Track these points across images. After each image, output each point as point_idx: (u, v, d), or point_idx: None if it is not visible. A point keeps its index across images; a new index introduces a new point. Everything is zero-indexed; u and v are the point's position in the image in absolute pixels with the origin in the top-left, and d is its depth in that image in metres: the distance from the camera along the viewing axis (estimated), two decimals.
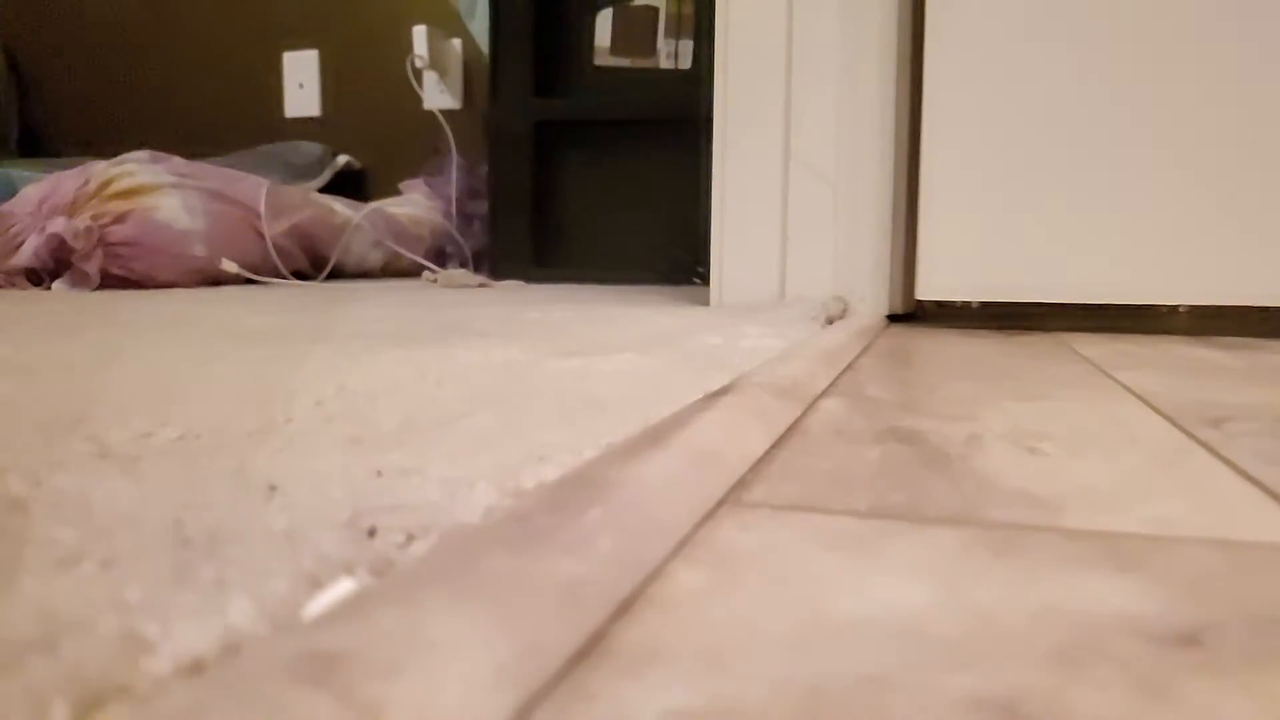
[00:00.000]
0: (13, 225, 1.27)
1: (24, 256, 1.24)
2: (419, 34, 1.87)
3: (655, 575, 0.24)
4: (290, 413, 0.38)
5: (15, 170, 1.58)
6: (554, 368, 0.52)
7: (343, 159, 2.00)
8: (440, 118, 1.82)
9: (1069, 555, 0.26)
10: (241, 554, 0.21)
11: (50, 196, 1.28)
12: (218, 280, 1.36)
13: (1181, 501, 0.31)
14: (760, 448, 0.37)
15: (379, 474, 0.28)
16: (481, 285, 1.42)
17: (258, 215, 1.43)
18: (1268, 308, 0.88)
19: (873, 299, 1.01)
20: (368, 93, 2.03)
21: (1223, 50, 0.87)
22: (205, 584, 0.19)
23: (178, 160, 1.43)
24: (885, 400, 0.51)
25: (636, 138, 1.52)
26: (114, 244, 1.26)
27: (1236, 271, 0.88)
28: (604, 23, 1.53)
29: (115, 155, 1.37)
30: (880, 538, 0.27)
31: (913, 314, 1.01)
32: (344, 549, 0.22)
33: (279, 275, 1.44)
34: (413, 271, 1.66)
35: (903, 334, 0.89)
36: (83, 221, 1.24)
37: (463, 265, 1.67)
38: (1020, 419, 0.45)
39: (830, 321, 0.88)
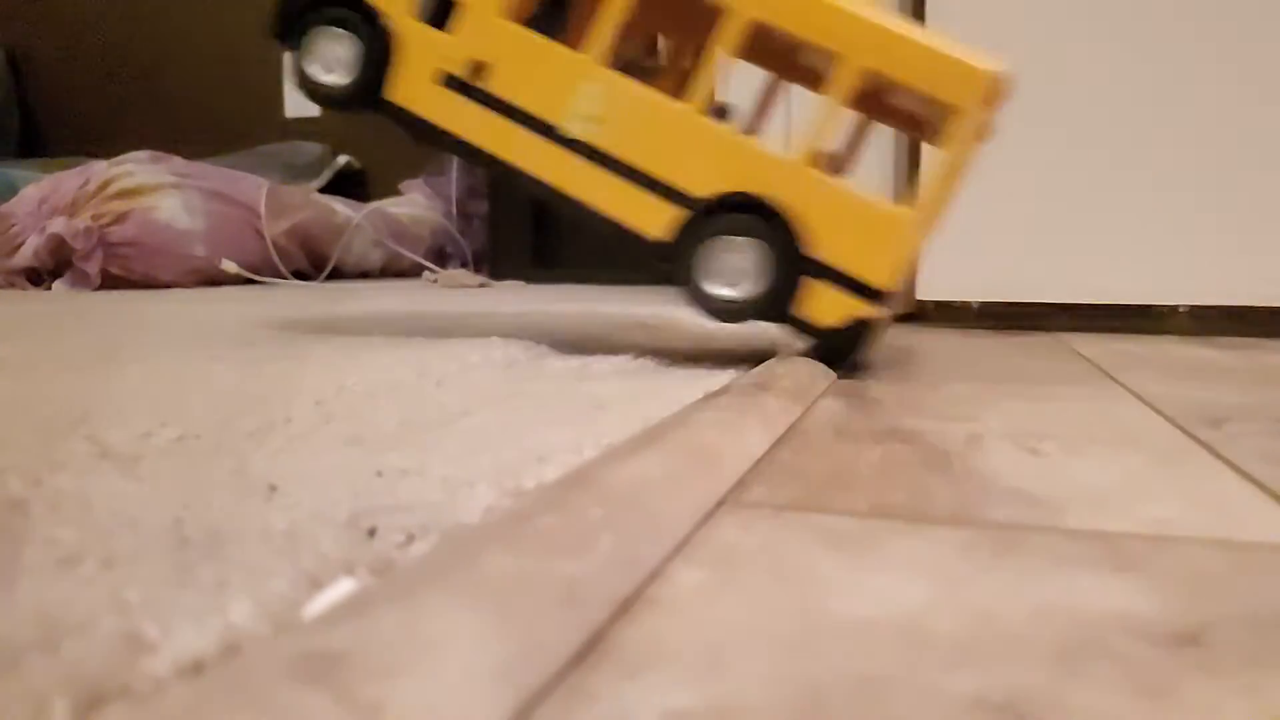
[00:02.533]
0: (13, 225, 1.27)
1: (24, 256, 1.24)
2: None
3: (655, 575, 0.24)
4: (290, 413, 0.38)
5: (15, 170, 1.58)
6: (554, 367, 0.52)
7: (343, 159, 2.00)
8: None
9: (1069, 555, 0.26)
10: (241, 554, 0.21)
11: (50, 196, 1.28)
12: (218, 280, 1.36)
13: (1181, 501, 0.31)
14: (760, 447, 0.37)
15: (379, 474, 0.28)
16: (481, 285, 1.42)
17: (258, 215, 1.43)
18: (1268, 308, 0.88)
19: None
20: None
21: (1223, 49, 0.87)
22: (205, 584, 0.19)
23: (178, 160, 1.43)
24: (885, 400, 0.51)
25: None
26: (114, 244, 1.26)
27: (1236, 271, 0.88)
28: None
29: (115, 155, 1.37)
30: (880, 537, 0.27)
31: (913, 314, 1.01)
32: (344, 549, 0.22)
33: (279, 275, 1.44)
34: (413, 272, 1.66)
35: (903, 334, 0.89)
36: (83, 221, 1.24)
37: (463, 265, 1.67)
38: (1020, 419, 0.45)
39: None
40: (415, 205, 1.78)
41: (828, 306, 0.50)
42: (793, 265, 0.50)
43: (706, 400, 0.41)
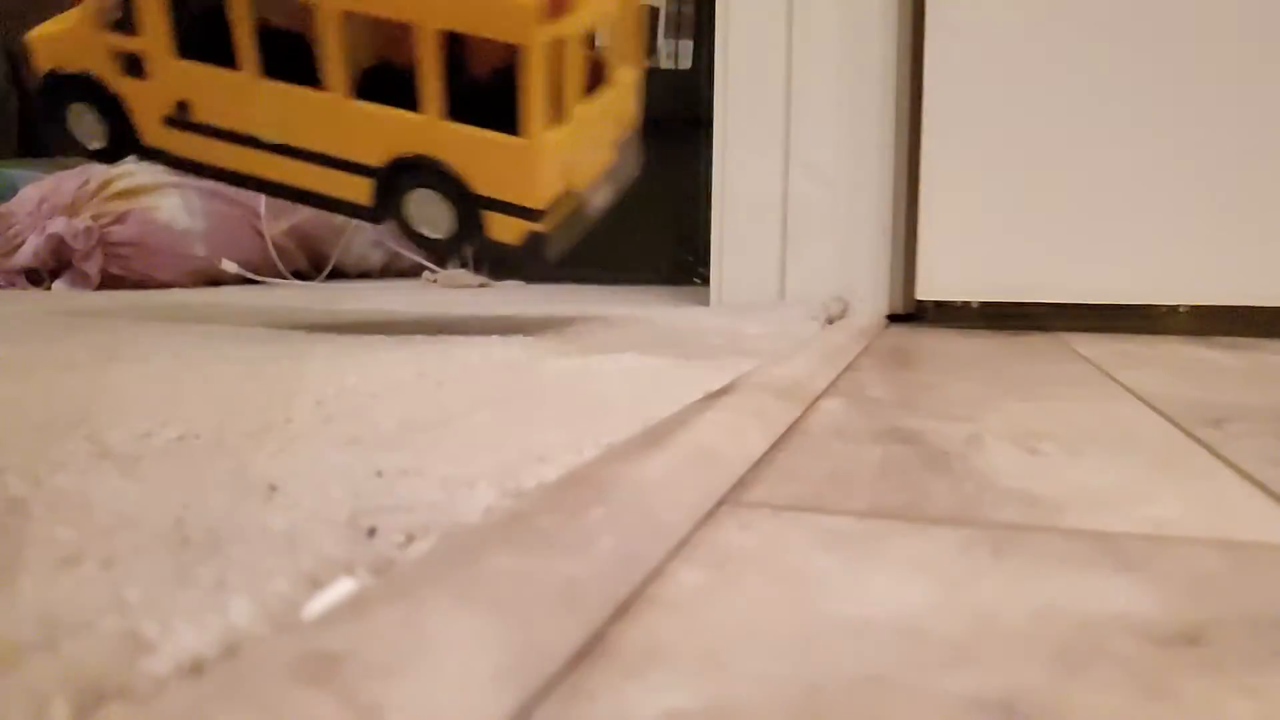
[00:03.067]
0: (13, 225, 1.27)
1: (24, 256, 1.24)
2: None
3: (655, 575, 0.24)
4: (290, 413, 0.38)
5: (15, 170, 1.58)
6: (554, 367, 0.52)
7: None
8: None
9: (1069, 555, 0.26)
10: (241, 554, 0.21)
11: (50, 196, 1.28)
12: (217, 280, 1.36)
13: (1181, 501, 0.31)
14: (760, 448, 0.37)
15: (379, 474, 0.28)
16: (482, 285, 1.42)
17: (258, 215, 1.43)
18: (1268, 308, 0.88)
19: (873, 299, 1.01)
20: None
21: (1222, 50, 0.87)
22: (205, 584, 0.19)
23: None
24: (885, 400, 0.51)
25: (636, 137, 1.52)
26: (114, 244, 1.26)
27: (1236, 271, 0.88)
28: None
29: None
30: (880, 538, 0.27)
31: (913, 314, 1.01)
32: (344, 549, 0.22)
33: (279, 275, 1.44)
34: (413, 271, 1.66)
35: (903, 334, 0.89)
36: (83, 221, 1.24)
37: (463, 265, 1.67)
38: (1020, 419, 0.45)
39: (830, 321, 0.88)
40: None
41: (507, 229, 0.58)
42: (468, 204, 0.57)
43: (706, 400, 0.41)
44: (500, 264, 1.55)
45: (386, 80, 0.57)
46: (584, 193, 0.62)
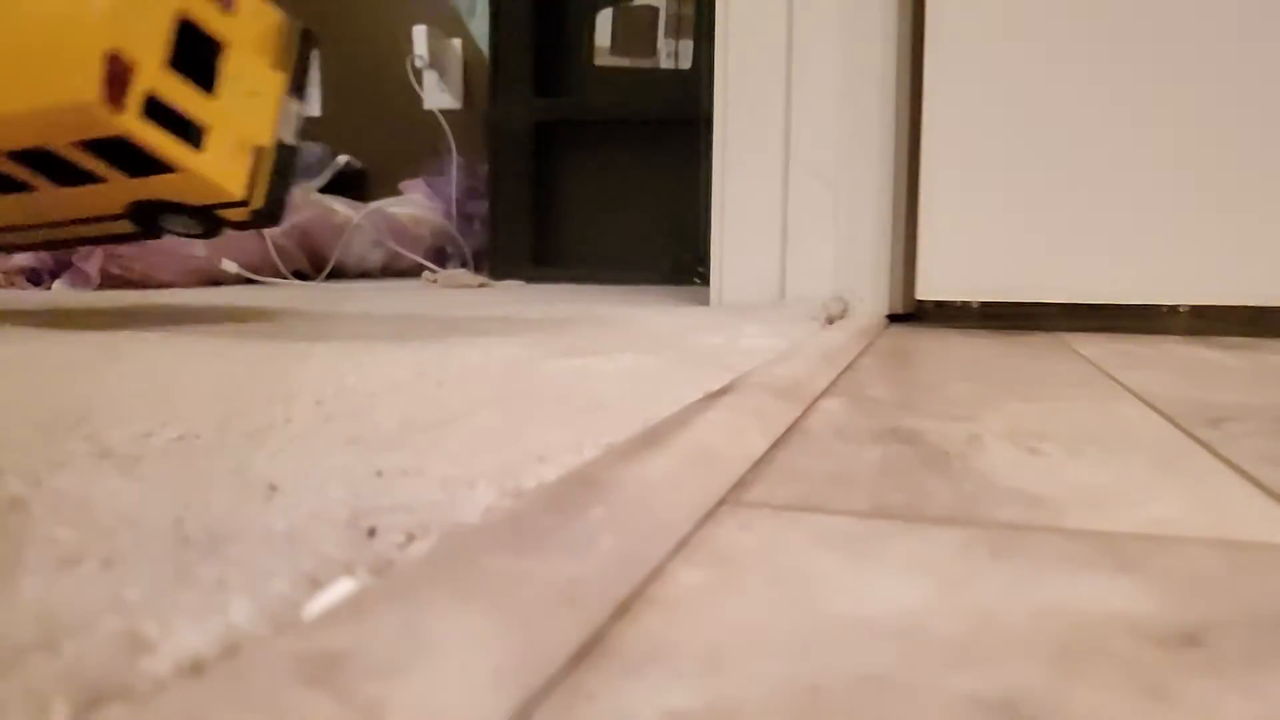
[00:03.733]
0: None
1: (24, 256, 1.24)
2: (419, 34, 1.87)
3: (655, 575, 0.24)
4: (290, 413, 0.38)
5: None
6: (554, 367, 0.52)
7: (343, 159, 2.00)
8: (440, 118, 1.82)
9: (1069, 555, 0.26)
10: (241, 554, 0.21)
11: None
12: (217, 280, 1.36)
13: (1181, 501, 0.31)
14: (760, 447, 0.37)
15: (379, 474, 0.28)
16: (481, 285, 1.42)
17: None
18: (1267, 308, 0.88)
19: (873, 299, 1.01)
20: (368, 93, 2.03)
21: (1222, 51, 0.87)
22: (205, 584, 0.19)
23: None
24: (885, 400, 0.51)
25: (636, 138, 1.52)
26: None
27: (1236, 271, 0.88)
28: (604, 23, 1.53)
29: None
30: (880, 538, 0.27)
31: (913, 314, 1.01)
32: (344, 549, 0.22)
33: (279, 275, 1.44)
34: (413, 271, 1.66)
35: (903, 334, 0.89)
36: None
37: (463, 265, 1.67)
38: (1020, 419, 0.45)
39: (830, 321, 0.88)
40: (415, 205, 1.78)
41: (235, 214, 0.70)
42: (200, 211, 0.70)
43: (706, 400, 0.41)
44: (500, 263, 1.56)
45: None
46: (275, 138, 0.71)
